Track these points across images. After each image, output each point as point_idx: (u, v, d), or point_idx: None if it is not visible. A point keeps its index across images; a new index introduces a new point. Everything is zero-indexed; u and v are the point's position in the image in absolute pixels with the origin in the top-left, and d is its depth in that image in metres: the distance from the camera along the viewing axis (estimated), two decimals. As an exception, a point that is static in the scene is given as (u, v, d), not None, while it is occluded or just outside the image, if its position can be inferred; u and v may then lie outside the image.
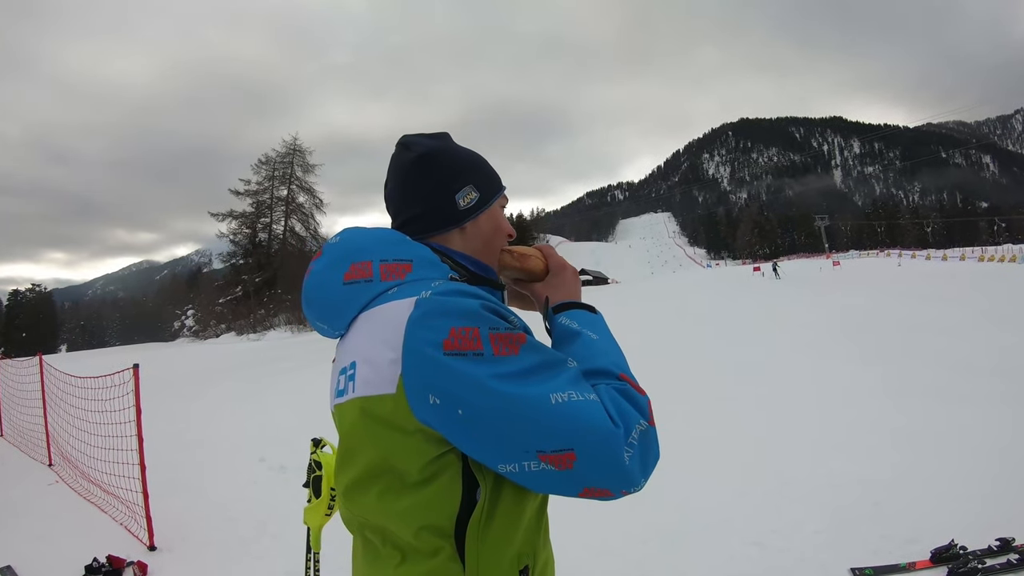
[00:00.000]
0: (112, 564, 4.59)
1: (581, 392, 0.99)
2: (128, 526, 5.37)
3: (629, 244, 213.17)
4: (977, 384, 8.34)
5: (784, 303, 19.00)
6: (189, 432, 8.88)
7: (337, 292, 1.16)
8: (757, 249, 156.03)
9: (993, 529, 4.19)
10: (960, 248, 66.94)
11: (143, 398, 5.51)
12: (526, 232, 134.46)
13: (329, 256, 1.20)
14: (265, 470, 7.09)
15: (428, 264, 1.15)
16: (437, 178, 1.24)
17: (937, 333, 12.26)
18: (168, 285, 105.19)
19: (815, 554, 4.36)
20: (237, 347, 26.81)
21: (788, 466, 6.12)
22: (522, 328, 1.06)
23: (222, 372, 15.65)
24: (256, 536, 5.30)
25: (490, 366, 0.97)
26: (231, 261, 62.34)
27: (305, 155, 62.18)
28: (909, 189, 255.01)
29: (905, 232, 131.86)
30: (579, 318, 1.24)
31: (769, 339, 13.34)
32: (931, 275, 27.39)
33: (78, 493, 6.40)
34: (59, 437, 7.50)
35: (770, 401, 8.59)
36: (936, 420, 7.06)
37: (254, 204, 61.22)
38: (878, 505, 5.05)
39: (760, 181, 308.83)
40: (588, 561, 4.35)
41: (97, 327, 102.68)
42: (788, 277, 33.39)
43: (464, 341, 0.98)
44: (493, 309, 1.03)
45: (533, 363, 1.00)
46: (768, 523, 4.92)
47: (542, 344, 1.06)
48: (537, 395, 0.96)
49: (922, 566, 4.03)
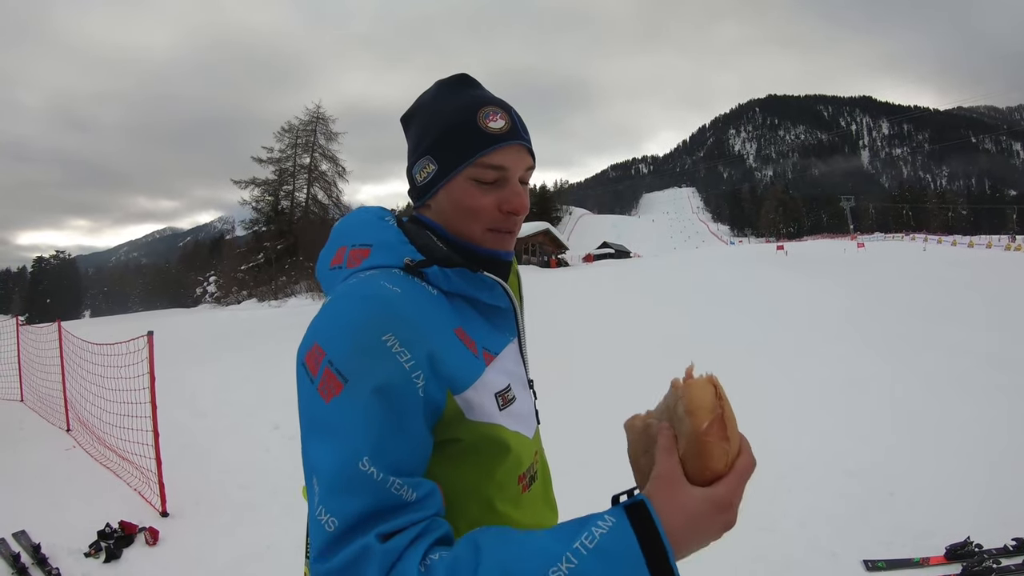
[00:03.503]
0: (124, 530, 4.64)
1: (326, 501, 0.83)
2: (142, 492, 5.43)
3: (652, 218, 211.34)
4: (1001, 378, 8.16)
5: (806, 285, 18.75)
6: (204, 398, 8.95)
7: (326, 276, 1.14)
8: (781, 228, 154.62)
9: (1010, 528, 4.12)
10: (987, 236, 65.65)
11: (159, 364, 5.54)
12: (549, 204, 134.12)
13: (331, 238, 1.18)
14: (279, 437, 7.11)
15: (384, 248, 1.07)
16: (410, 147, 1.16)
17: (961, 322, 12.03)
18: (191, 252, 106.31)
19: (826, 543, 4.32)
20: (257, 313, 27.00)
21: (802, 451, 6.06)
22: (376, 373, 0.88)
23: (241, 338, 15.76)
24: (267, 503, 5.34)
25: (308, 397, 0.91)
26: (253, 228, 62.67)
27: (328, 123, 62.05)
28: (937, 173, 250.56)
29: (931, 216, 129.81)
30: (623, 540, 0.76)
31: (788, 321, 13.16)
32: (957, 262, 26.89)
33: (94, 458, 6.47)
34: (76, 402, 7.58)
35: (786, 384, 8.50)
36: (957, 413, 6.93)
37: (277, 172, 61.37)
38: (893, 496, 4.98)
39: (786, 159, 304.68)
40: None
41: (120, 293, 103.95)
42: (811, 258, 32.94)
43: (312, 359, 0.92)
44: (373, 331, 0.90)
45: (326, 421, 0.87)
46: (779, 509, 4.86)
47: (362, 405, 0.87)
48: (307, 462, 0.89)
49: (936, 562, 3.96)
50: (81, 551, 4.44)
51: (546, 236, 62.09)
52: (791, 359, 9.85)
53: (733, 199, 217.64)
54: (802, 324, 12.55)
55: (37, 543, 4.39)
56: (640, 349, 11.08)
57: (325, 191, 62.12)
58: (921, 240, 57.30)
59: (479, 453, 1.02)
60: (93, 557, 4.40)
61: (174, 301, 72.05)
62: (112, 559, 4.38)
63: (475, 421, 1.00)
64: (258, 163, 60.68)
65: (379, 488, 0.83)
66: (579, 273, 33.61)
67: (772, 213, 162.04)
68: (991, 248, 41.68)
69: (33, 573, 4.10)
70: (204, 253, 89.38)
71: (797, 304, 15.28)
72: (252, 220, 62.67)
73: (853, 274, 21.23)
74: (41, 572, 4.14)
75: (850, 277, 20.21)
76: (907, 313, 13.34)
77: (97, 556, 4.41)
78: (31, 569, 4.15)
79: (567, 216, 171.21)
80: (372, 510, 0.82)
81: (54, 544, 4.47)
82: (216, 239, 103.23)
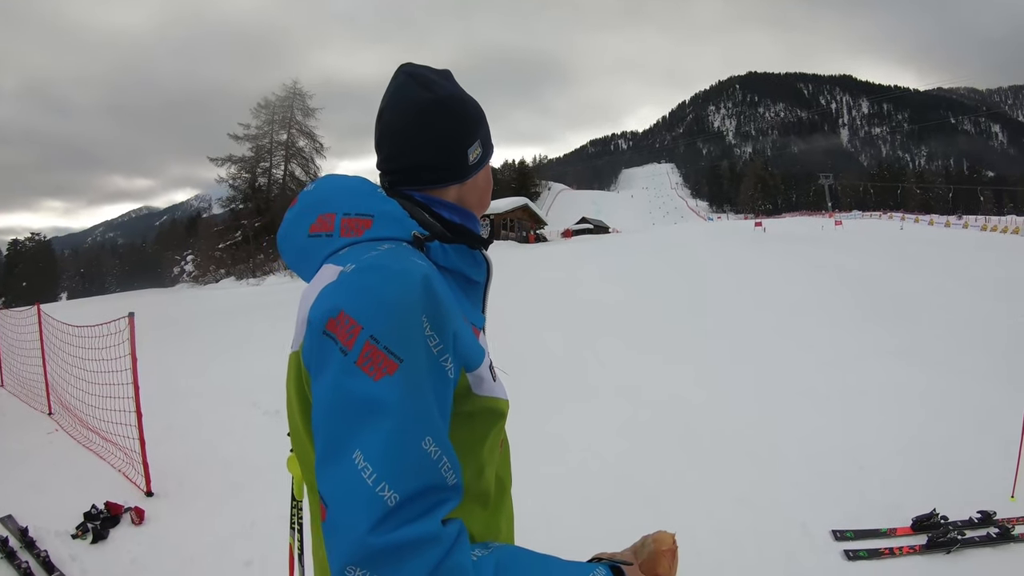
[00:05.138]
0: (110, 511, 4.68)
1: (388, 476, 0.84)
2: (126, 473, 5.46)
3: (631, 194, 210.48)
4: (969, 357, 8.34)
5: (781, 261, 18.91)
6: (185, 378, 8.94)
7: (303, 243, 1.14)
8: (760, 204, 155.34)
9: (975, 502, 4.27)
10: (964, 216, 66.45)
11: (139, 345, 5.54)
12: (528, 179, 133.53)
13: (301, 205, 1.17)
14: (259, 415, 7.17)
15: (390, 220, 1.09)
16: (454, 129, 1.17)
17: (933, 300, 12.23)
18: (167, 231, 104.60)
19: (797, 514, 4.47)
20: (235, 292, 26.86)
21: (773, 426, 6.22)
22: (421, 355, 0.92)
23: (219, 317, 15.67)
24: (250, 481, 5.39)
25: (343, 370, 0.89)
26: (230, 206, 61.98)
27: (305, 99, 61.30)
28: (916, 153, 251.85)
29: (909, 196, 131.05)
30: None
31: (761, 297, 13.28)
32: (933, 241, 27.23)
33: (77, 441, 6.47)
34: (58, 386, 7.53)
35: (757, 360, 8.65)
36: (926, 389, 7.12)
37: (253, 149, 60.61)
38: (863, 470, 5.15)
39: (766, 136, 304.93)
40: (572, 517, 4.44)
41: (97, 274, 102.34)
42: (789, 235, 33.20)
43: (342, 330, 0.90)
44: (414, 312, 0.93)
45: (379, 399, 0.87)
46: (752, 482, 5.03)
47: (418, 386, 0.90)
48: (344, 435, 0.86)
49: (903, 532, 4.12)
50: (68, 533, 4.47)
51: (525, 211, 61.75)
52: (764, 337, 9.97)
53: (712, 175, 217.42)
54: (776, 301, 12.66)
55: (24, 527, 4.41)
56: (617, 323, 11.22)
57: (303, 167, 61.43)
58: (899, 219, 57.89)
59: (475, 422, 1.07)
60: (80, 538, 4.44)
61: (151, 281, 71.12)
62: (99, 540, 4.42)
63: (480, 395, 1.07)
64: (234, 140, 59.80)
65: (434, 468, 0.88)
66: (558, 248, 33.67)
67: (751, 190, 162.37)
68: (967, 228, 42.21)
69: (21, 556, 4.11)
70: (181, 232, 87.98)
71: (772, 281, 15.41)
72: (229, 198, 61.91)
73: (830, 251, 21.43)
74: (29, 555, 4.16)
75: (827, 254, 20.40)
76: (882, 290, 13.51)
77: (84, 537, 4.44)
78: (19, 552, 4.16)
79: (546, 191, 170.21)
80: (427, 488, 0.86)
81: (41, 527, 4.49)
82: (193, 218, 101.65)
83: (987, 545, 3.88)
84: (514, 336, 9.57)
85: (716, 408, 6.87)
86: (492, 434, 1.12)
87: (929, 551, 3.84)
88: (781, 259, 19.49)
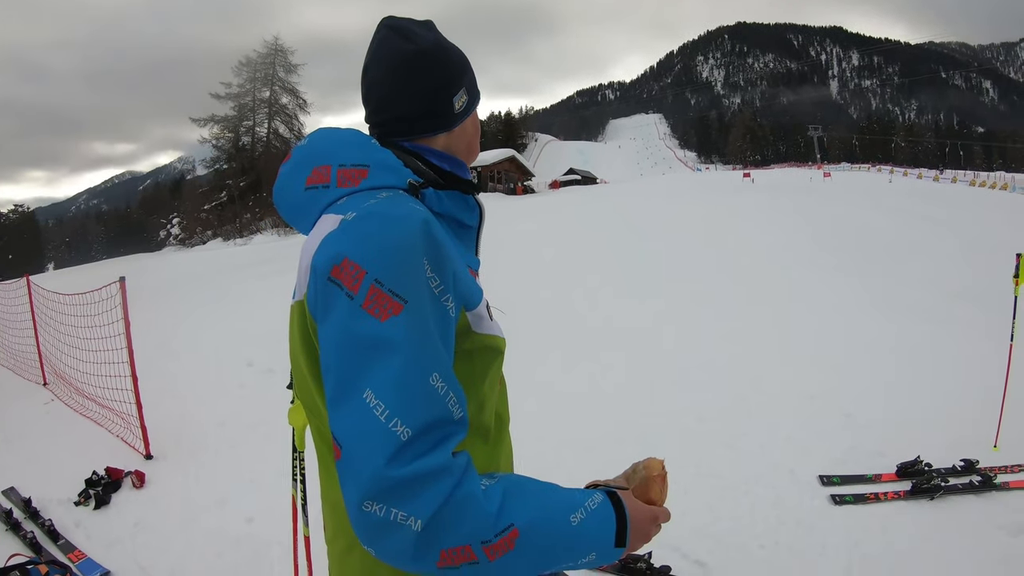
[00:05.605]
0: (111, 476, 4.73)
1: (400, 412, 0.87)
2: (124, 437, 5.51)
3: (619, 144, 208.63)
4: (955, 308, 8.45)
5: (769, 211, 18.92)
6: (178, 340, 8.97)
7: (299, 197, 1.16)
8: (748, 155, 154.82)
9: (959, 450, 4.37)
10: (952, 170, 66.35)
11: (131, 310, 5.54)
12: (514, 130, 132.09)
13: (296, 159, 1.19)
14: (253, 373, 7.24)
15: (385, 169, 1.11)
16: (438, 78, 1.19)
17: (921, 253, 12.32)
18: (151, 195, 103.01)
19: (784, 460, 4.58)
20: (223, 253, 26.73)
21: (762, 373, 6.34)
22: (424, 296, 0.95)
23: (208, 279, 15.62)
24: (247, 437, 5.50)
25: (349, 314, 0.92)
26: (215, 166, 61.43)
27: (287, 55, 60.25)
28: (906, 106, 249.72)
29: (898, 149, 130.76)
30: (599, 508, 1.00)
31: (750, 246, 13.33)
32: (921, 194, 27.23)
33: (74, 409, 6.49)
34: (52, 356, 7.54)
35: (747, 308, 8.75)
36: (912, 339, 7.23)
37: (236, 107, 59.80)
38: (849, 417, 5.26)
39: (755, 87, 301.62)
40: (565, 459, 4.51)
41: (83, 242, 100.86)
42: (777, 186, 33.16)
43: (347, 275, 0.93)
44: (416, 255, 0.96)
45: (387, 339, 0.90)
46: (740, 428, 5.16)
47: (424, 325, 0.94)
48: (354, 376, 0.89)
49: (887, 478, 4.23)
50: (71, 500, 4.53)
51: (512, 163, 61.33)
52: (753, 286, 10.04)
53: (700, 126, 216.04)
54: (765, 251, 12.72)
55: (27, 497, 4.45)
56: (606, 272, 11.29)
57: (286, 124, 60.77)
58: (887, 172, 57.79)
59: (475, 359, 1.11)
60: (83, 505, 4.49)
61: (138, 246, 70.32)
62: (102, 505, 4.48)
63: (479, 333, 1.11)
64: (216, 99, 59.10)
65: (442, 402, 0.92)
66: (546, 199, 33.54)
67: (739, 141, 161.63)
68: (956, 183, 42.15)
69: (26, 527, 4.15)
70: (165, 195, 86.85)
71: (757, 231, 15.43)
72: (213, 158, 61.39)
73: (818, 203, 21.44)
74: (34, 525, 4.20)
75: (815, 206, 20.41)
76: (871, 241, 13.58)
77: (87, 504, 4.50)
78: (24, 523, 4.20)
79: (533, 143, 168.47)
80: (437, 422, 0.90)
81: (44, 497, 4.52)
82: (177, 180, 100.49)
83: (970, 492, 3.97)
84: (504, 282, 9.65)
85: (702, 354, 7.00)
86: (492, 371, 1.16)
87: (913, 497, 3.94)
88: (768, 210, 19.48)
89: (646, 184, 44.17)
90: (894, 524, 3.72)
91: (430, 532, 0.85)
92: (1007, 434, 4.56)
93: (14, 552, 3.60)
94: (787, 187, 30.09)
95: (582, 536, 0.96)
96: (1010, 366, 4.62)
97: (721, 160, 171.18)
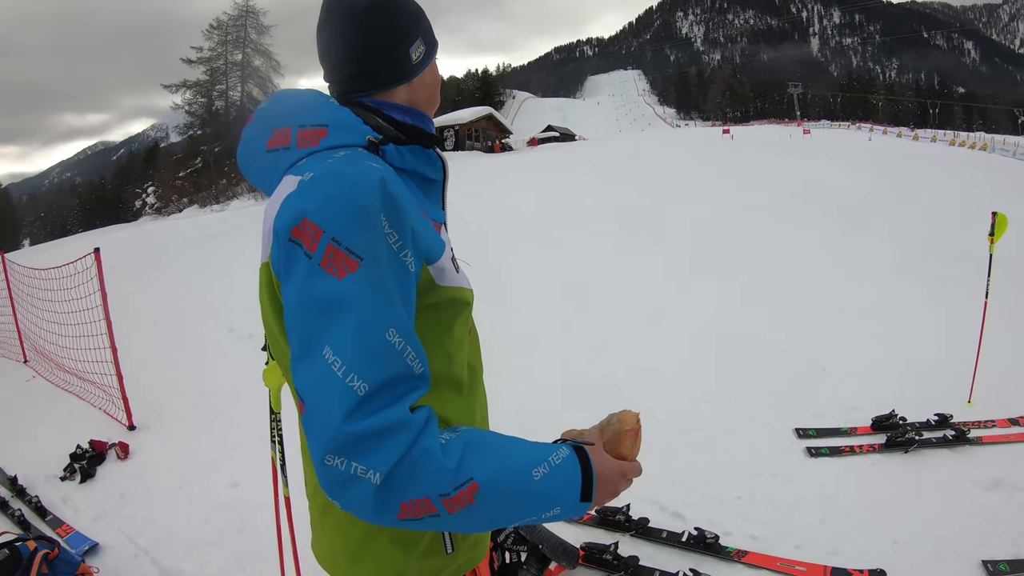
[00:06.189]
0: (95, 448, 4.73)
1: (356, 368, 0.89)
2: (107, 410, 5.49)
3: (597, 101, 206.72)
4: (931, 265, 8.53)
5: (747, 167, 18.87)
6: (157, 309, 8.84)
7: (263, 160, 1.16)
8: (728, 112, 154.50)
9: (932, 405, 4.47)
10: (932, 129, 66.48)
11: (108, 281, 5.47)
12: (492, 88, 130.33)
13: (257, 121, 1.19)
14: (234, 340, 7.21)
15: (344, 128, 1.11)
16: (393, 30, 1.18)
17: (897, 210, 12.38)
18: (125, 164, 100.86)
19: (761, 413, 4.69)
20: (199, 220, 26.30)
21: (739, 329, 6.44)
22: (382, 252, 0.96)
23: (186, 247, 15.37)
24: (229, 405, 5.48)
25: (308, 273, 0.93)
26: (188, 133, 60.33)
27: (259, 16, 58.82)
28: (887, 65, 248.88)
29: (878, 107, 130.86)
30: (566, 462, 1.00)
31: (725, 201, 13.29)
32: (901, 153, 27.30)
33: (56, 385, 6.44)
34: (31, 332, 7.43)
35: (724, 265, 8.79)
36: (888, 295, 7.33)
37: (208, 71, 58.54)
38: (825, 371, 5.38)
39: (735, 44, 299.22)
40: (545, 415, 4.57)
41: (57, 216, 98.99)
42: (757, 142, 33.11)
43: (306, 235, 0.93)
44: (373, 212, 0.96)
45: (343, 296, 0.91)
46: (718, 382, 5.27)
47: (380, 281, 0.95)
48: (314, 333, 0.91)
49: (862, 432, 4.34)
50: (57, 476, 4.53)
51: (489, 121, 60.41)
52: (729, 242, 10.05)
53: (680, 82, 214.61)
54: (741, 207, 12.69)
55: (13, 475, 4.43)
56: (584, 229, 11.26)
57: (260, 87, 59.66)
58: (867, 130, 57.83)
59: (441, 312, 1.13)
60: (69, 479, 4.50)
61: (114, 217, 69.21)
62: (88, 478, 4.49)
63: (443, 286, 1.12)
64: (188, 64, 57.82)
65: (400, 358, 0.93)
66: (524, 157, 33.31)
67: (719, 97, 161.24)
68: (936, 142, 42.28)
69: (13, 505, 4.14)
70: (139, 164, 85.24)
71: (739, 185, 15.42)
72: (187, 125, 60.34)
73: (797, 159, 21.42)
74: (21, 503, 4.20)
75: (794, 162, 20.39)
76: (848, 197, 13.60)
77: (73, 478, 4.50)
78: (11, 501, 4.19)
79: (510, 100, 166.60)
80: (395, 377, 0.92)
81: (30, 474, 4.52)
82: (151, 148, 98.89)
83: (943, 446, 4.07)
84: (485, 238, 9.77)
85: (681, 311, 7.08)
86: (458, 322, 1.17)
87: (887, 450, 4.04)
88: (747, 167, 19.42)
89: (625, 140, 43.85)
90: (868, 477, 3.83)
91: (389, 485, 0.87)
92: (981, 390, 4.68)
93: (2, 531, 3.60)
94: (766, 144, 30.00)
95: (545, 490, 0.97)
96: (984, 322, 4.70)
97: (701, 116, 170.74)
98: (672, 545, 3.29)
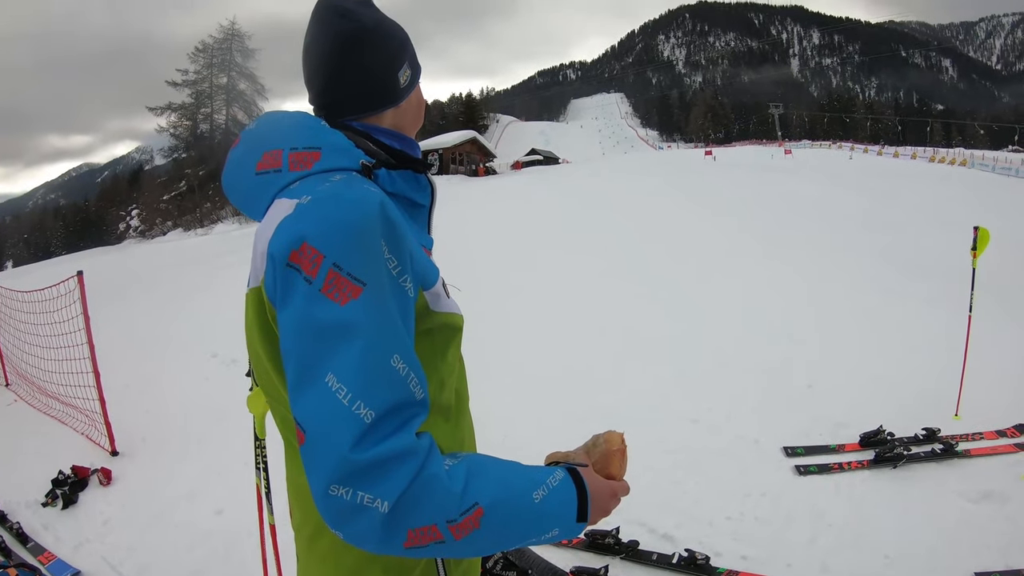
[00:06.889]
0: (77, 474, 4.64)
1: (362, 395, 0.88)
2: (89, 435, 5.39)
3: (580, 124, 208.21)
4: (915, 280, 8.60)
5: (731, 188, 19.07)
6: (140, 334, 8.77)
7: (251, 182, 1.13)
8: (710, 133, 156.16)
9: (920, 419, 4.49)
10: (912, 147, 67.50)
11: (91, 305, 5.42)
12: (476, 112, 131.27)
13: (245, 144, 1.17)
14: (217, 365, 7.14)
15: (337, 151, 1.09)
16: (382, 54, 1.18)
17: (881, 228, 12.53)
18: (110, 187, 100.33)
19: (749, 432, 4.69)
20: (183, 244, 26.22)
21: (725, 348, 6.44)
22: (383, 278, 0.95)
23: (170, 271, 15.29)
24: (212, 430, 5.40)
25: (309, 298, 0.91)
26: (173, 156, 60.35)
27: (244, 40, 59.22)
28: (866, 84, 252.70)
29: (859, 126, 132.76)
30: (561, 484, 1.01)
31: (712, 223, 13.40)
32: (881, 170, 27.73)
33: (37, 409, 6.34)
34: (12, 355, 7.32)
35: (710, 284, 8.84)
36: (873, 311, 7.38)
37: (193, 94, 58.83)
38: (812, 388, 5.39)
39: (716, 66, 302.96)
40: (529, 439, 4.51)
41: (41, 238, 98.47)
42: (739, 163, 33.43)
43: (305, 260, 0.92)
44: (373, 237, 0.95)
45: (347, 323, 0.90)
46: (705, 402, 5.25)
47: (383, 307, 0.94)
48: (316, 360, 0.89)
49: (851, 448, 4.35)
50: (38, 502, 4.44)
51: (473, 144, 61.08)
52: (717, 261, 10.12)
53: (662, 105, 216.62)
54: (726, 227, 12.81)
55: (-7, 501, 4.34)
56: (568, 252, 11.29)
57: (245, 111, 60.11)
58: (848, 149, 58.61)
59: (435, 338, 1.12)
60: (51, 506, 4.42)
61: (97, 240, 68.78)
62: (70, 504, 4.40)
63: (437, 311, 1.11)
64: (173, 87, 58.11)
65: (404, 384, 0.92)
66: (508, 180, 33.45)
67: (701, 119, 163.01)
68: (916, 159, 42.91)
69: (-7, 532, 4.06)
70: (124, 187, 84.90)
71: (723, 206, 15.54)
72: (171, 147, 60.62)
73: (779, 180, 21.66)
74: (2, 529, 4.11)
75: (776, 183, 20.61)
76: (832, 216, 13.77)
77: (55, 504, 4.42)
78: (-9, 528, 4.11)
79: (494, 124, 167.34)
80: (400, 404, 0.91)
81: (11, 500, 4.44)
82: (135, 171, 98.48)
83: (932, 460, 4.08)
84: (470, 262, 9.71)
85: (665, 332, 7.07)
86: (451, 348, 1.17)
87: (876, 466, 4.05)
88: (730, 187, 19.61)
89: (608, 163, 44.21)
90: (858, 493, 3.83)
91: (397, 513, 0.86)
92: (968, 403, 4.71)
93: (-17, 559, 3.52)
94: (748, 165, 30.35)
95: (545, 513, 0.97)
96: (969, 336, 4.74)
97: (683, 138, 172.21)
98: (663, 567, 3.27)
